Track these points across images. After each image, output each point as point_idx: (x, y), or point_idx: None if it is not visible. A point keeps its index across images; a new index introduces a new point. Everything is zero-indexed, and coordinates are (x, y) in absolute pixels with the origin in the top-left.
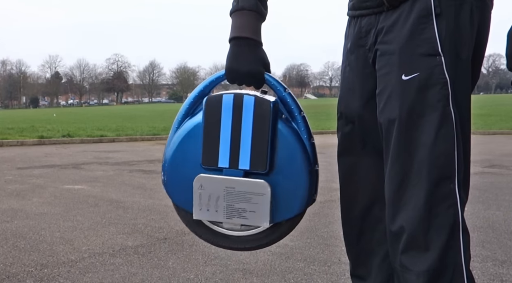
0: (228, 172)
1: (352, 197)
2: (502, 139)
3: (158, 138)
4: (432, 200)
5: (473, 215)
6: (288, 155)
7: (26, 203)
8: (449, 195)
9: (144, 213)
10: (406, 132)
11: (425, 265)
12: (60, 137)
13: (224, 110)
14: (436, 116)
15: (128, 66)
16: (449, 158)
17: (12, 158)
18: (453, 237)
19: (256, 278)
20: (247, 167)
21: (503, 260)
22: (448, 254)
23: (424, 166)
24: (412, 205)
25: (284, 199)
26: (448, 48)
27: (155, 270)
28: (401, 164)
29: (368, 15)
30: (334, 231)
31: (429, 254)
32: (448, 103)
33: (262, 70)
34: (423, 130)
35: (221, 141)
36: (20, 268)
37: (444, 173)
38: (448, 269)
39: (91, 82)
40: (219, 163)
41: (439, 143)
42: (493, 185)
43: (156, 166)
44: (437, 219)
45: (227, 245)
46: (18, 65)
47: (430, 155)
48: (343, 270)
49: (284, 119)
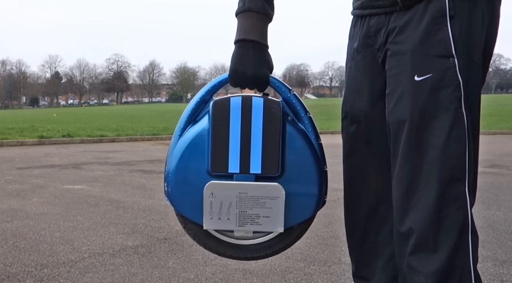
0: (239, 177)
1: (357, 197)
2: (503, 139)
3: (158, 138)
4: (442, 201)
5: (473, 215)
6: (298, 157)
7: (26, 203)
8: (459, 196)
9: (144, 213)
10: (417, 133)
11: (434, 267)
12: (60, 137)
13: (232, 113)
14: (448, 117)
15: (128, 66)
16: (461, 160)
17: (12, 158)
18: (462, 239)
19: (256, 278)
20: (258, 171)
21: (503, 260)
22: (457, 256)
23: (434, 167)
24: (422, 207)
25: (297, 202)
26: (461, 50)
27: (155, 270)
28: (411, 165)
29: (378, 15)
30: (334, 231)
31: (438, 255)
32: (461, 105)
33: (267, 73)
34: (434, 131)
35: (230, 146)
36: (20, 268)
37: (454, 175)
38: (456, 270)
39: (91, 82)
40: (230, 169)
41: (451, 145)
42: (493, 185)
43: (156, 166)
44: (446, 220)
45: (240, 256)
46: (18, 65)
47: (441, 156)
48: (343, 270)
49: (290, 121)
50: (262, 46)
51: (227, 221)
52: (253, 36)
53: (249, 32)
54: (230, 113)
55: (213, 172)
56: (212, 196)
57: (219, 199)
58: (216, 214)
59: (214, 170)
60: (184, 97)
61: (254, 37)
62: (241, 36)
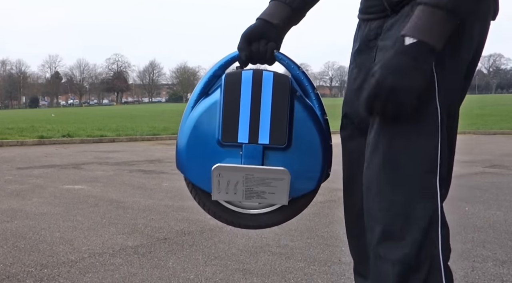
0: (247, 147)
1: (355, 193)
2: (503, 139)
3: (158, 138)
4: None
5: (474, 215)
6: (305, 131)
7: (26, 203)
8: (429, 188)
9: (144, 213)
10: (387, 125)
11: (399, 254)
12: (60, 137)
13: (243, 86)
14: (420, 112)
15: (128, 66)
16: (431, 153)
17: (12, 158)
18: (430, 231)
19: (256, 278)
20: (266, 141)
21: (504, 260)
22: (425, 246)
23: (403, 158)
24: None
25: (301, 174)
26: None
27: (155, 270)
28: (380, 156)
29: (377, 19)
30: (334, 231)
31: (404, 244)
32: (434, 99)
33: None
34: (404, 124)
35: (240, 117)
36: (20, 268)
37: (424, 167)
38: (424, 260)
39: (91, 82)
40: (239, 139)
41: (420, 138)
42: (493, 185)
43: (156, 166)
44: (414, 212)
45: (244, 224)
46: (18, 65)
47: (408, 149)
48: (343, 270)
49: (299, 96)
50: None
51: (234, 195)
52: (261, 15)
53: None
54: (241, 86)
55: (223, 142)
56: (219, 176)
57: (226, 179)
58: (224, 189)
59: (224, 139)
60: (184, 97)
61: (261, 16)
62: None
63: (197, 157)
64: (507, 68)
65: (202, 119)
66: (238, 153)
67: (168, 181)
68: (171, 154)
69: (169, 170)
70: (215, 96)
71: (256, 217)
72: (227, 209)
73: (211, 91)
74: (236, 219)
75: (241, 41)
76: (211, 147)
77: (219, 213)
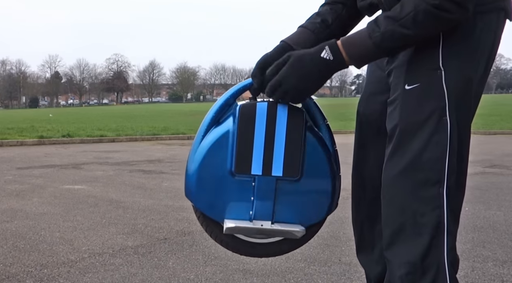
0: (260, 179)
1: (361, 184)
2: (503, 139)
3: (158, 138)
4: (416, 201)
5: (474, 215)
6: (316, 163)
7: (26, 203)
8: (435, 198)
9: (144, 213)
10: (402, 137)
11: (406, 257)
12: (60, 137)
13: (258, 119)
14: (430, 124)
15: (128, 66)
16: (438, 164)
17: (12, 158)
18: (436, 238)
19: (256, 278)
20: (280, 173)
21: (504, 260)
22: (431, 253)
23: (410, 169)
24: (397, 205)
25: (311, 205)
26: (449, 63)
27: (155, 270)
28: (393, 166)
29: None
30: (334, 231)
31: (411, 249)
32: (445, 114)
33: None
34: (416, 136)
35: (254, 149)
36: (20, 268)
37: (430, 177)
38: (431, 268)
39: (91, 82)
40: (252, 171)
41: (429, 149)
42: (494, 185)
43: (156, 166)
44: (420, 219)
45: (253, 253)
46: (18, 65)
47: (418, 159)
48: (343, 270)
49: (310, 128)
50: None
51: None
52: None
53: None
54: (256, 118)
55: (237, 173)
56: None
57: (239, 232)
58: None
59: (238, 171)
60: (184, 97)
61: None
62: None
63: (207, 187)
64: (507, 68)
65: (213, 149)
66: (250, 184)
67: (168, 181)
68: (171, 154)
69: (169, 170)
70: (227, 125)
71: (264, 246)
72: (236, 239)
73: (222, 120)
74: (245, 248)
75: (255, 69)
76: (222, 177)
77: (228, 241)
